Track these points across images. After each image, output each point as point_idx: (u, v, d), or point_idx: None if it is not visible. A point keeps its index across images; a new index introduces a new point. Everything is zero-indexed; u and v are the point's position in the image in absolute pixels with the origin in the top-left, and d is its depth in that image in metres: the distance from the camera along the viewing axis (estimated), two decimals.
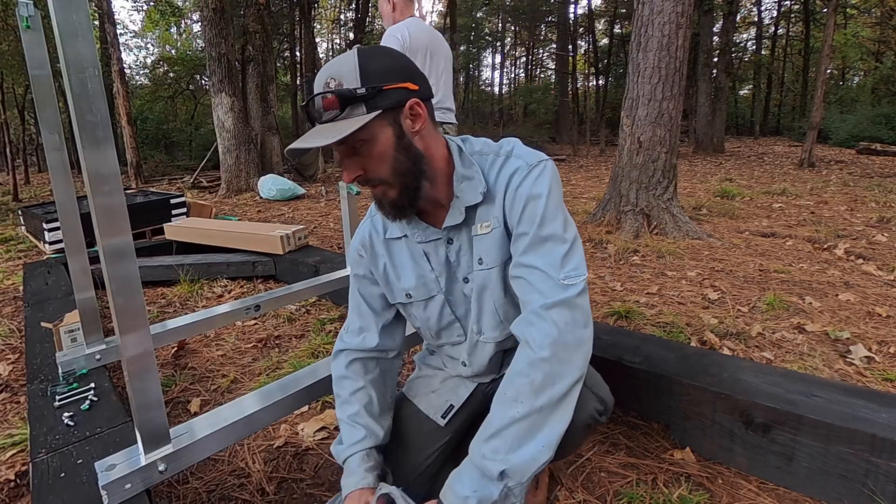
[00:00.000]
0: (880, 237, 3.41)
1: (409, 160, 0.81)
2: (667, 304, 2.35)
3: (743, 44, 22.34)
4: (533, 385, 0.74)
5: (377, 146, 0.79)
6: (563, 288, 0.78)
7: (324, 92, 0.76)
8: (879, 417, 1.07)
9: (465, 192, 0.87)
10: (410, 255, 0.96)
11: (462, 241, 0.92)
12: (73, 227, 1.49)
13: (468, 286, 0.94)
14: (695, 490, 1.17)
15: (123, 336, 0.90)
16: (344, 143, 0.78)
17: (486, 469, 0.72)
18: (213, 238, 3.13)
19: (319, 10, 20.26)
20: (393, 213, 0.86)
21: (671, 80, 3.57)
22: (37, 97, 1.43)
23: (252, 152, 7.83)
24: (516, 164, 0.86)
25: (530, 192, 0.83)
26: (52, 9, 0.78)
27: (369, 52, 0.80)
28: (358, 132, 0.75)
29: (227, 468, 1.34)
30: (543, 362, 0.74)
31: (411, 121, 0.81)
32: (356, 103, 0.76)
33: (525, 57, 30.24)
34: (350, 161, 0.81)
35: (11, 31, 8.40)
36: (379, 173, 0.81)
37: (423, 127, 0.82)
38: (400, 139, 0.80)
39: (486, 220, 0.88)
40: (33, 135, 15.99)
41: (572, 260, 0.81)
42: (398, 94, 0.78)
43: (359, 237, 1.01)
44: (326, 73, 0.79)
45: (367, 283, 1.03)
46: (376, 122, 0.77)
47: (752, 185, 6.34)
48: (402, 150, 0.80)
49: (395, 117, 0.79)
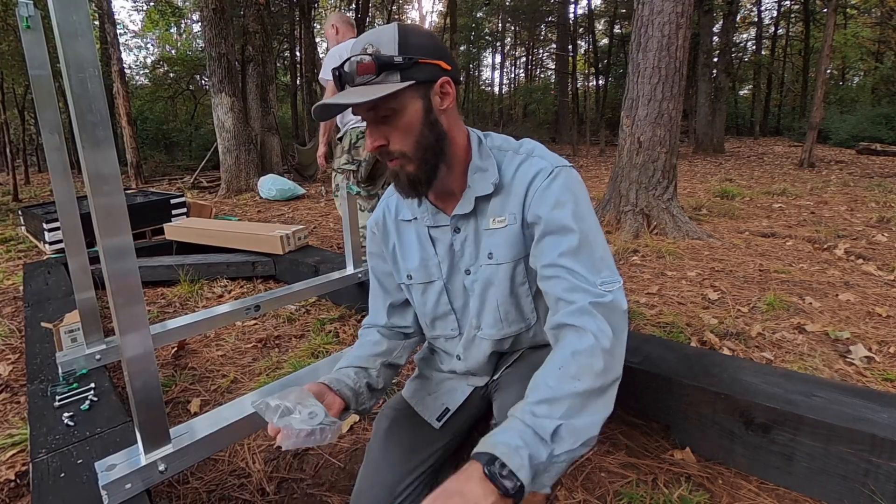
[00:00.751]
0: (880, 237, 3.41)
1: (433, 136, 0.83)
2: (667, 305, 2.35)
3: (743, 44, 22.34)
4: (594, 369, 0.75)
5: (405, 117, 0.80)
6: (602, 294, 0.79)
7: (363, 55, 0.78)
8: (879, 417, 1.08)
9: (476, 182, 0.89)
10: (418, 237, 0.99)
11: (469, 232, 0.93)
12: (73, 227, 1.49)
13: (469, 279, 0.95)
14: (695, 490, 1.17)
15: (123, 336, 0.90)
16: (374, 109, 0.80)
17: (538, 426, 0.68)
18: (213, 238, 3.13)
19: (319, 10, 20.26)
20: (408, 189, 0.87)
21: (671, 81, 3.57)
22: (37, 97, 1.43)
23: (252, 152, 7.83)
24: (540, 164, 0.87)
25: (559, 196, 0.84)
26: (52, 9, 0.78)
27: (409, 27, 0.82)
28: (389, 98, 0.77)
29: (227, 468, 1.34)
30: (605, 353, 0.75)
31: (440, 98, 0.83)
32: (392, 70, 0.78)
33: (525, 57, 30.25)
34: (376, 129, 0.83)
35: (11, 31, 8.40)
36: (402, 145, 0.82)
37: (451, 107, 0.85)
38: (427, 114, 0.82)
39: (499, 215, 0.88)
40: (33, 135, 15.99)
41: (607, 265, 0.82)
42: (432, 69, 0.81)
43: (374, 216, 1.05)
44: (366, 39, 0.80)
45: (379, 261, 1.07)
46: (408, 92, 0.79)
47: (752, 185, 6.34)
48: (428, 125, 0.82)
49: (426, 91, 0.81)
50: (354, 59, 0.78)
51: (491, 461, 0.63)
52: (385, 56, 0.77)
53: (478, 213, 0.91)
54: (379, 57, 0.77)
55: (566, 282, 0.81)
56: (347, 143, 3.04)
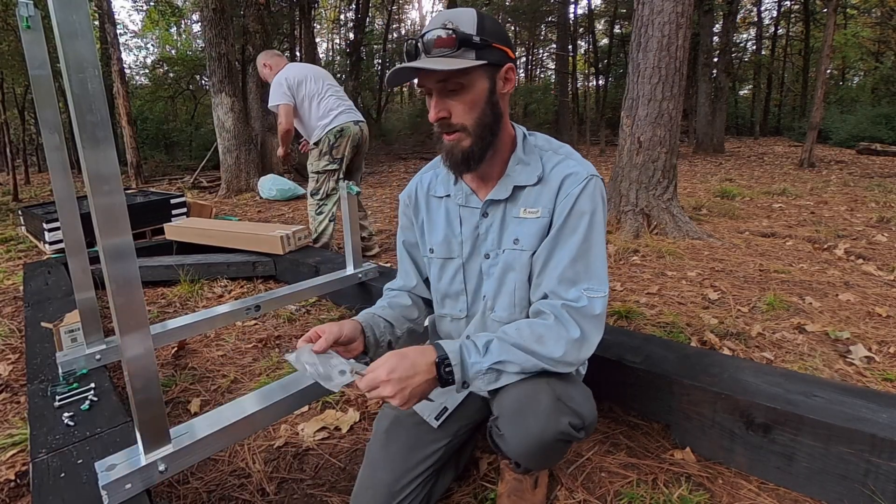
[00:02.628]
0: (880, 237, 3.41)
1: (493, 116, 0.89)
2: (667, 305, 2.35)
3: (743, 44, 22.31)
4: (556, 348, 0.87)
5: (472, 93, 0.86)
6: (579, 298, 0.89)
7: (444, 28, 0.83)
8: (879, 417, 1.07)
9: (518, 172, 0.95)
10: (446, 213, 1.04)
11: (496, 218, 0.97)
12: (73, 227, 1.49)
13: (487, 263, 0.99)
14: (695, 490, 1.17)
15: (123, 336, 0.90)
16: (444, 81, 0.85)
17: (478, 339, 0.87)
18: (213, 238, 3.12)
19: (319, 10, 20.24)
20: (460, 162, 0.91)
21: (671, 81, 3.57)
22: (37, 97, 1.42)
23: (252, 152, 7.82)
24: (575, 168, 0.93)
25: (580, 205, 0.91)
26: (52, 9, 0.78)
27: (485, 14, 0.88)
28: (462, 73, 0.84)
29: (228, 468, 1.34)
30: (571, 343, 0.87)
31: (503, 82, 0.90)
32: (469, 48, 0.84)
33: (525, 57, 30.23)
34: (441, 101, 0.87)
35: (11, 31, 8.40)
36: (464, 119, 0.88)
37: (510, 92, 0.92)
38: (492, 94, 0.88)
39: (533, 207, 0.94)
40: (33, 135, 15.99)
41: (597, 276, 0.90)
42: (501, 54, 0.87)
43: (407, 190, 1.11)
44: (445, 16, 0.85)
45: (409, 233, 1.13)
46: (479, 70, 0.85)
47: (752, 185, 6.34)
48: (491, 104, 0.89)
49: (494, 73, 0.88)
50: (436, 31, 0.83)
51: (443, 358, 0.84)
52: (465, 33, 0.83)
53: (510, 202, 0.96)
54: (459, 32, 0.82)
55: (555, 278, 0.90)
56: (326, 145, 3.11)
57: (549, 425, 0.87)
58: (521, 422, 0.88)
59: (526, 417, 0.88)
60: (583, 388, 0.97)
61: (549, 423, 0.87)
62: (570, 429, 0.89)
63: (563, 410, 0.88)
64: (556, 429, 0.87)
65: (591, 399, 0.96)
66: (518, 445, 0.91)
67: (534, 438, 0.88)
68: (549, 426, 0.87)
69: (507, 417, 0.91)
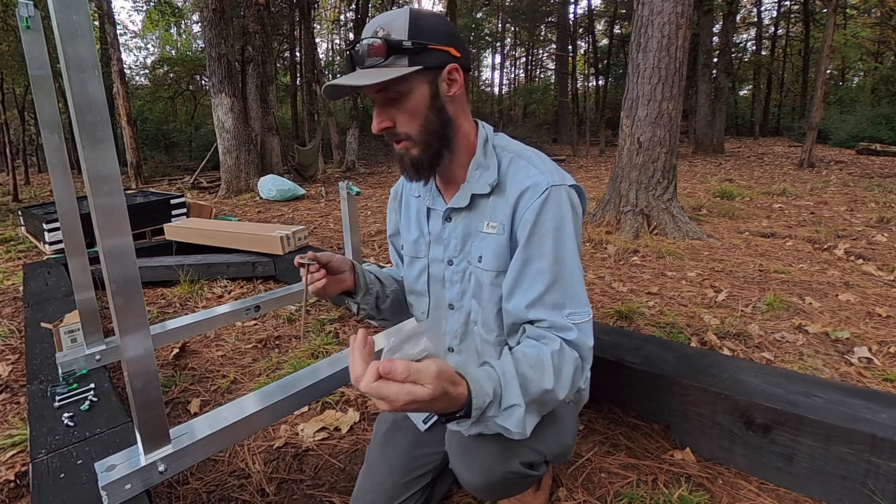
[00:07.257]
0: (880, 237, 3.41)
1: (439, 122, 0.84)
2: (667, 305, 2.35)
3: (743, 44, 22.33)
4: (565, 373, 0.78)
5: (411, 100, 0.82)
6: (569, 327, 0.81)
7: (373, 38, 0.79)
8: (879, 417, 1.07)
9: (475, 179, 0.89)
10: (418, 214, 1.02)
11: (458, 224, 0.93)
12: (73, 228, 1.49)
13: (450, 269, 0.96)
14: (695, 490, 1.17)
15: (123, 336, 0.90)
16: (382, 91, 0.81)
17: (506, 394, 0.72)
18: (213, 238, 3.12)
19: (319, 10, 20.25)
20: (411, 172, 0.88)
21: (671, 81, 3.57)
22: (37, 97, 1.42)
23: (252, 153, 7.83)
24: (533, 176, 0.84)
25: (542, 223, 0.82)
26: (52, 9, 0.78)
27: (421, 12, 0.83)
28: (397, 82, 0.79)
29: (227, 469, 1.34)
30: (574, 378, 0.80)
31: (447, 85, 0.83)
32: (400, 55, 0.79)
33: (525, 57, 30.26)
34: (383, 111, 0.84)
35: (11, 31, 8.41)
36: (407, 128, 0.84)
37: (458, 94, 0.85)
38: (434, 99, 0.83)
39: (493, 220, 0.88)
40: (33, 135, 15.98)
41: (576, 299, 0.83)
42: (441, 55, 0.81)
43: (395, 186, 1.11)
44: (378, 22, 0.81)
45: (393, 226, 1.13)
46: (415, 77, 0.80)
47: (752, 185, 6.34)
48: (435, 110, 0.83)
49: (434, 77, 0.82)
50: (366, 41, 0.79)
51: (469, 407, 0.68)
52: (394, 40, 0.78)
53: (473, 210, 0.91)
54: (388, 41, 0.78)
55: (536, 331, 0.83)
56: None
57: (496, 467, 0.83)
58: (468, 460, 0.85)
59: (472, 457, 0.84)
60: (553, 417, 0.87)
61: (496, 465, 0.82)
62: (521, 468, 0.83)
63: (513, 451, 0.82)
64: (504, 470, 0.83)
65: (564, 426, 0.90)
66: (467, 484, 0.88)
67: (481, 478, 0.84)
68: (495, 468, 0.83)
69: (453, 455, 0.88)
